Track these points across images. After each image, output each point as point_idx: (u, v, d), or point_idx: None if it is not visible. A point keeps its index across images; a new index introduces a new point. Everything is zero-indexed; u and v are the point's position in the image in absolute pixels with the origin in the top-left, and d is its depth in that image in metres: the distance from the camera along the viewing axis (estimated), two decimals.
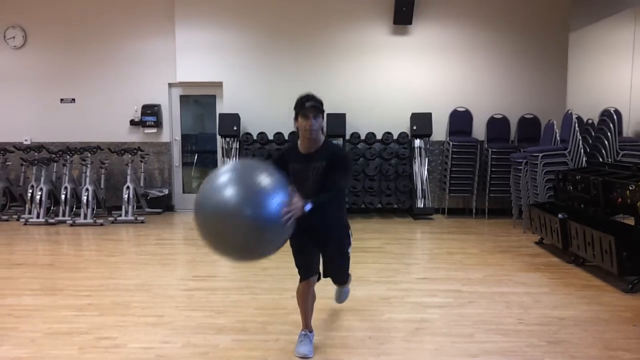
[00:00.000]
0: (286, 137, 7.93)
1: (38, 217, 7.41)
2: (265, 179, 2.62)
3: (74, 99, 8.43)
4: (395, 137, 7.95)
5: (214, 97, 8.50)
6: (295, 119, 3.02)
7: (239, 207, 2.51)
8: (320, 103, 3.01)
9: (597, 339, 3.34)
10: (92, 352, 3.18)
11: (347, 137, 7.94)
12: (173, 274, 4.95)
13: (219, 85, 8.27)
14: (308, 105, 2.95)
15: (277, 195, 2.58)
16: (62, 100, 8.44)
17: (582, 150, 6.01)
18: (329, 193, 2.94)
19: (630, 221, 5.01)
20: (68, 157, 7.65)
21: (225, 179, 2.63)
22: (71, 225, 7.28)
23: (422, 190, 7.88)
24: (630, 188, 4.38)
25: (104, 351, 3.19)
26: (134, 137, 8.44)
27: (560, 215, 5.23)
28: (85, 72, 8.38)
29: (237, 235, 2.54)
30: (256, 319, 3.71)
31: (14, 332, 3.50)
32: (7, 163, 8.09)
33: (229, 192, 2.53)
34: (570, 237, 5.09)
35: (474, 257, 5.51)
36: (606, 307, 3.96)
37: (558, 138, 6.39)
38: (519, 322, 3.64)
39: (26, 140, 8.46)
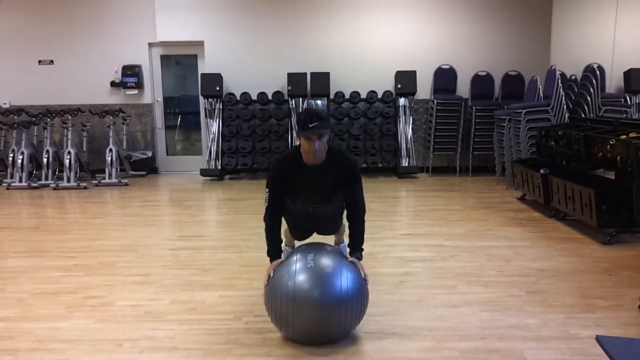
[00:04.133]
0: (270, 97, 7.87)
1: (20, 181, 7.34)
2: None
3: (52, 61, 8.24)
4: (379, 95, 7.92)
5: (195, 57, 8.36)
6: (298, 136, 2.75)
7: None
8: (325, 120, 2.74)
9: (575, 288, 3.44)
10: (79, 310, 3.21)
11: (332, 96, 7.89)
12: (159, 234, 4.96)
13: (200, 44, 8.12)
14: (312, 127, 2.63)
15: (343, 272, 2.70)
16: (40, 62, 8.25)
17: (564, 106, 6.05)
18: (359, 219, 2.90)
19: (611, 176, 5.10)
20: (49, 120, 7.54)
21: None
22: (54, 188, 7.23)
23: (407, 149, 7.90)
24: (611, 142, 4.44)
25: (91, 309, 3.22)
26: (115, 98, 8.30)
27: (542, 171, 5.30)
28: (62, 33, 8.16)
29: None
30: (242, 276, 3.76)
31: (1, 293, 3.52)
32: None
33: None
34: (551, 192, 5.17)
35: (457, 213, 5.58)
36: (584, 258, 4.06)
37: (541, 94, 6.41)
38: (500, 274, 3.73)
39: (5, 103, 8.29)
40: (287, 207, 3.02)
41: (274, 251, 2.87)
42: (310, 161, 2.75)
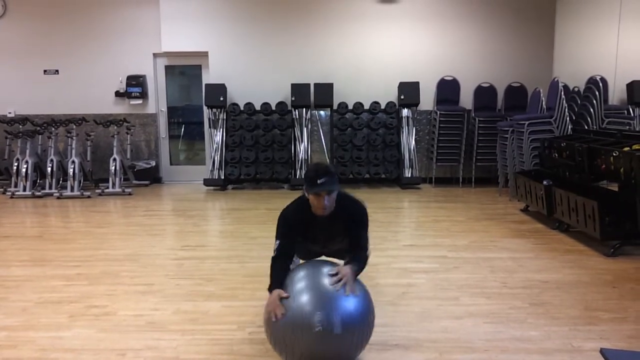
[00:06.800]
0: (273, 108, 7.90)
1: (24, 190, 7.37)
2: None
3: (57, 71, 8.30)
4: (383, 106, 7.95)
5: (199, 67, 8.40)
6: (306, 191, 2.68)
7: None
8: (334, 175, 2.65)
9: (578, 301, 3.43)
10: (82, 319, 3.21)
11: (335, 107, 7.92)
12: (162, 244, 4.97)
13: (204, 55, 8.17)
14: (320, 183, 2.58)
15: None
16: (45, 71, 8.31)
17: (567, 118, 6.05)
18: (362, 259, 2.73)
19: (614, 187, 5.09)
20: (53, 129, 7.58)
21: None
22: (58, 197, 7.25)
23: (410, 159, 7.91)
24: (614, 154, 4.44)
25: (94, 319, 3.22)
26: (120, 108, 8.35)
27: (545, 182, 5.29)
28: (68, 43, 8.23)
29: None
30: (245, 286, 3.76)
31: (5, 301, 3.52)
32: None
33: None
34: (555, 204, 5.17)
35: (460, 224, 5.58)
36: (588, 270, 4.05)
37: (544, 106, 6.42)
38: (503, 285, 3.72)
39: (10, 112, 8.34)
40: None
41: (276, 284, 2.63)
42: (319, 214, 2.71)
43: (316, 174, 2.61)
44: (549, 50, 8.02)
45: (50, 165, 7.44)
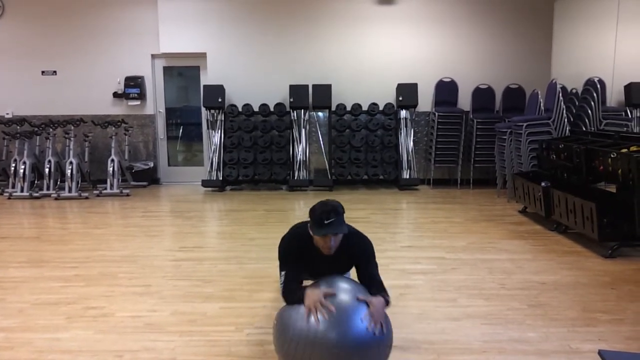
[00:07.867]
0: (271, 109, 7.90)
1: (22, 191, 7.35)
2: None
3: (55, 71, 8.29)
4: (381, 107, 7.95)
5: (197, 68, 8.40)
6: (311, 230, 2.50)
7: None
8: (342, 214, 2.47)
9: (577, 302, 3.43)
10: (80, 321, 3.20)
11: (333, 108, 7.92)
12: (160, 245, 4.96)
13: (202, 56, 8.16)
14: (328, 223, 2.40)
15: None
16: (43, 72, 8.29)
17: (565, 120, 6.06)
18: (386, 293, 2.55)
19: (612, 189, 5.10)
20: (51, 130, 7.57)
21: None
22: (56, 198, 7.23)
23: (408, 161, 7.91)
24: (612, 156, 4.45)
25: (91, 320, 3.21)
26: (118, 109, 8.34)
27: (543, 184, 5.30)
28: (66, 44, 8.22)
29: None
30: (243, 288, 3.75)
31: (2, 303, 3.51)
32: None
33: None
34: (553, 205, 5.17)
35: (458, 225, 5.58)
36: (586, 272, 4.05)
37: (542, 108, 6.43)
38: (501, 287, 3.72)
39: (8, 113, 8.32)
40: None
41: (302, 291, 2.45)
42: (324, 253, 2.55)
43: (323, 214, 2.42)
44: (547, 52, 8.03)
45: (48, 166, 7.43)
